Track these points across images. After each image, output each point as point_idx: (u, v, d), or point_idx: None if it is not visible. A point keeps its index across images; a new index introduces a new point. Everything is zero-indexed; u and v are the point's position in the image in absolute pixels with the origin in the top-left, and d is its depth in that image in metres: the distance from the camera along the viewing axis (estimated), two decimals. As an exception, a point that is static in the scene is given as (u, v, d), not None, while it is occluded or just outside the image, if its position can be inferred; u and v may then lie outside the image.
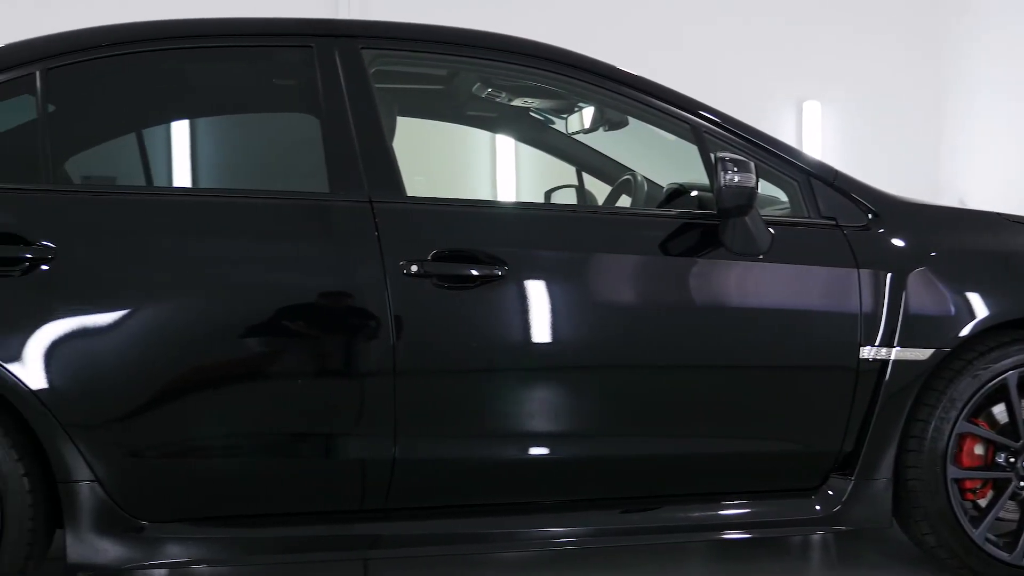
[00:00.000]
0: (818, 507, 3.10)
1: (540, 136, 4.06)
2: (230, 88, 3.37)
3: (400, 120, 3.47)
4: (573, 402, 2.99)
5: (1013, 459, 3.12)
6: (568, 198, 4.07)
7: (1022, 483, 3.12)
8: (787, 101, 6.61)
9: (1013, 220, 3.34)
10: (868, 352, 3.05)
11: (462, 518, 2.97)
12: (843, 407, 3.06)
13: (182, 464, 2.81)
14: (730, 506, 3.09)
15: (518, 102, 3.81)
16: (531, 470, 2.99)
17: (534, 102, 3.84)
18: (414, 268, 2.83)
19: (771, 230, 3.07)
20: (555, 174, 4.24)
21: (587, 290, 2.99)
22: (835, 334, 3.05)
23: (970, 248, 3.22)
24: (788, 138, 5.90)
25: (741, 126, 3.19)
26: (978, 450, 3.14)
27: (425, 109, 4.00)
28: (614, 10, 6.37)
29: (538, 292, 2.92)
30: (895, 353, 3.05)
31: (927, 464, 3.08)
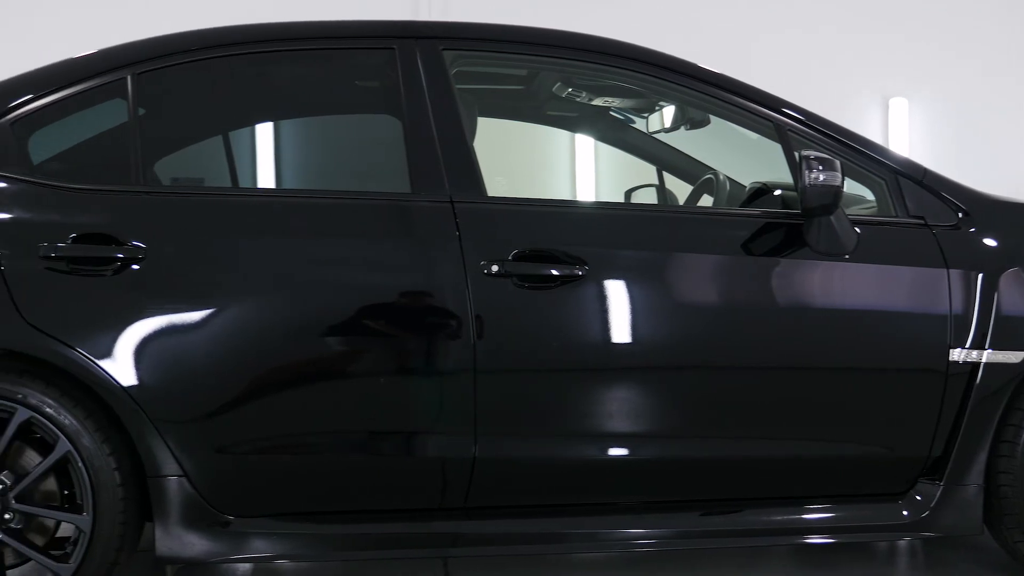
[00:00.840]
0: (905, 513, 3.04)
1: (620, 135, 4.05)
2: (313, 90, 3.42)
3: (481, 120, 3.48)
4: (653, 403, 2.97)
5: None
6: (648, 198, 4.05)
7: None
8: (873, 98, 6.48)
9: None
10: (958, 355, 2.98)
11: (541, 518, 2.98)
12: (932, 411, 2.99)
13: (266, 460, 2.86)
14: (814, 510, 3.05)
15: (598, 101, 3.81)
16: (611, 471, 2.98)
17: (614, 101, 3.83)
18: (495, 268, 2.84)
19: (857, 230, 3.02)
20: (635, 173, 4.22)
21: (668, 290, 2.97)
22: (924, 336, 2.99)
23: (1066, 248, 3.13)
24: (874, 136, 5.79)
25: (826, 123, 3.14)
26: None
27: (506, 109, 4.02)
28: (694, 7, 6.31)
29: (618, 292, 2.91)
30: (986, 356, 2.98)
31: (1020, 470, 3.00)
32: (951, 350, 2.98)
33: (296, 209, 2.96)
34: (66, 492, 2.85)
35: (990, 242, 3.08)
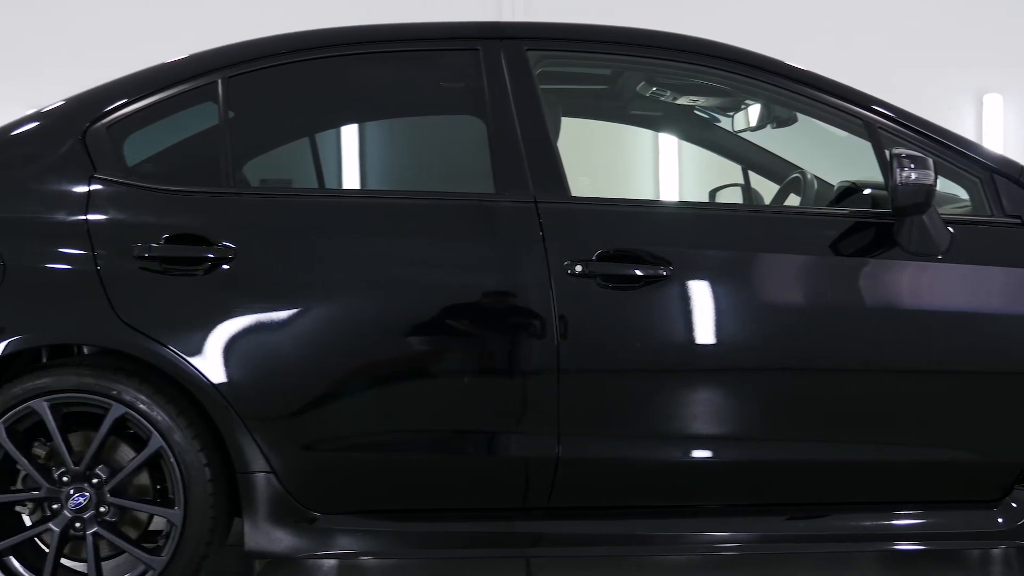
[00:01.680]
0: (1000, 520, 2.96)
1: (705, 134, 4.01)
2: (399, 91, 3.45)
3: (564, 120, 3.48)
4: (738, 405, 2.94)
5: None
6: (734, 197, 4.00)
7: None
8: (966, 94, 6.33)
9: None
10: (1056, 358, 2.89)
11: (625, 519, 2.97)
12: (1028, 416, 2.91)
13: (352, 458, 2.89)
14: (903, 515, 2.99)
15: (683, 100, 3.78)
16: (694, 473, 2.96)
17: (699, 100, 3.80)
18: (579, 268, 2.83)
19: (950, 229, 2.95)
20: (719, 173, 4.18)
21: (754, 291, 2.93)
22: (1019, 338, 2.92)
23: None
24: (968, 133, 5.65)
25: (918, 121, 3.08)
26: None
27: (589, 109, 4.01)
28: (785, 5, 6.23)
29: (703, 293, 2.88)
30: (1085, 359, 2.89)
31: (1122, 478, 2.91)
32: (1049, 353, 2.89)
33: (381, 209, 3.00)
34: (158, 487, 2.92)
35: (1091, 242, 2.98)
